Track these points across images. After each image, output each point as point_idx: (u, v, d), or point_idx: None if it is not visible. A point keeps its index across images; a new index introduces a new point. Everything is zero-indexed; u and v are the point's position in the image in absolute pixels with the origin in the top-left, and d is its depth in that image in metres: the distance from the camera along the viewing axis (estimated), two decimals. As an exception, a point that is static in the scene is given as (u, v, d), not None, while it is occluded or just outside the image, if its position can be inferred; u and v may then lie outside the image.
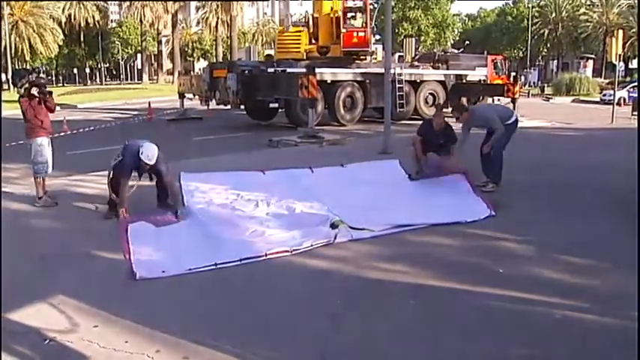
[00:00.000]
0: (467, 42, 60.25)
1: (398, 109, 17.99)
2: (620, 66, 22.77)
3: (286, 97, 16.52)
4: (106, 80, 72.91)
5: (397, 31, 59.97)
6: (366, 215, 6.27)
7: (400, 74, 18.73)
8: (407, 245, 5.63)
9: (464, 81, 20.85)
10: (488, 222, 6.31)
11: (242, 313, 4.13)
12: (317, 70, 14.85)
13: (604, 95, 31.04)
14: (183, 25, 69.04)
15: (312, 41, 19.32)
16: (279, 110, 18.45)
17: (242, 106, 18.57)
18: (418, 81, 19.79)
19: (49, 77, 65.79)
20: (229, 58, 48.56)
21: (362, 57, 19.19)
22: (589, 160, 10.21)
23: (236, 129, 17.51)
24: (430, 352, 3.59)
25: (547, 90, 41.26)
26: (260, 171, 8.38)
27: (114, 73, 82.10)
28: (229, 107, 18.40)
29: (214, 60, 55.81)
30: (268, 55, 23.23)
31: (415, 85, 19.66)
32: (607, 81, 40.14)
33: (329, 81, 17.54)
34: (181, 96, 21.19)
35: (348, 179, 8.18)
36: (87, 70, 68.03)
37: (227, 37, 57.76)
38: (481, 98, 20.49)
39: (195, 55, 73.19)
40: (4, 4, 46.53)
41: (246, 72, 17.33)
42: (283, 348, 3.62)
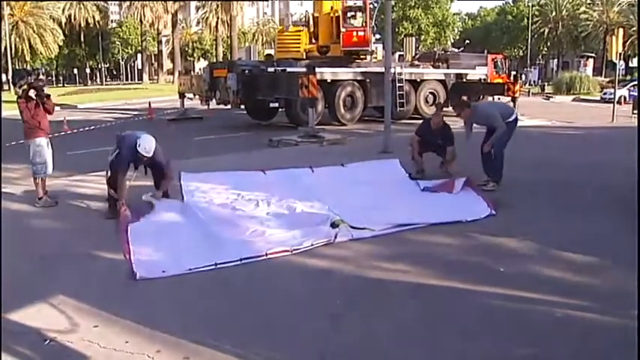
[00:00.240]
0: (467, 41, 60.24)
1: (398, 109, 17.99)
2: (620, 64, 22.72)
3: (286, 97, 16.54)
4: (107, 80, 72.93)
5: (397, 30, 60.02)
6: (367, 215, 6.25)
7: (400, 73, 18.72)
8: (407, 245, 5.62)
9: (464, 80, 20.83)
10: (488, 221, 6.30)
11: (242, 313, 4.12)
12: (317, 70, 14.85)
13: (604, 94, 31.00)
14: (183, 25, 69.09)
15: (312, 41, 19.34)
16: (279, 110, 18.45)
17: (242, 106, 18.60)
18: (418, 80, 19.77)
19: (50, 78, 65.88)
20: (229, 58, 48.58)
21: (362, 56, 19.18)
22: (589, 159, 10.20)
23: (236, 129, 17.51)
24: (430, 352, 3.58)
25: (547, 89, 41.23)
26: (260, 171, 8.38)
27: (114, 74, 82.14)
28: (229, 107, 18.42)
29: (214, 60, 55.80)
30: (268, 55, 23.23)
31: (415, 85, 19.64)
32: (607, 80, 40.08)
33: (329, 80, 17.53)
34: (182, 96, 21.18)
35: (349, 179, 8.18)
36: (87, 71, 68.06)
37: (227, 37, 57.79)
38: (481, 97, 20.47)
39: (195, 55, 73.23)
40: (4, 5, 46.53)
41: (246, 72, 17.32)
42: (283, 348, 3.61)
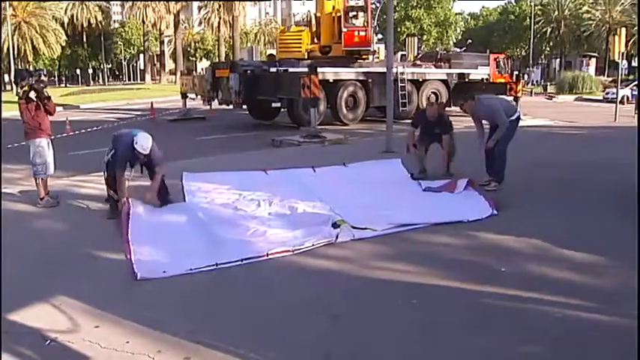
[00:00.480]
0: (469, 40, 60.12)
1: (400, 109, 17.98)
2: (623, 64, 22.71)
3: (288, 97, 16.53)
4: (109, 81, 73.01)
5: (400, 30, 60.03)
6: (369, 214, 6.24)
7: (402, 73, 18.72)
8: (409, 245, 5.61)
9: (466, 80, 20.81)
10: (490, 221, 6.28)
11: (243, 314, 4.11)
12: (319, 70, 14.84)
13: (607, 94, 30.96)
14: (185, 25, 69.23)
15: (314, 41, 19.33)
16: (281, 110, 18.44)
17: (244, 106, 18.58)
18: (421, 80, 19.77)
19: (52, 78, 66.00)
20: (231, 58, 48.59)
21: (364, 56, 19.17)
22: (591, 159, 10.19)
23: (238, 129, 17.50)
24: (432, 352, 3.57)
25: (550, 88, 41.21)
26: (262, 171, 8.39)
27: (116, 74, 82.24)
28: (232, 107, 18.40)
29: (217, 60, 55.83)
30: (271, 55, 23.18)
31: (418, 85, 19.64)
32: (610, 79, 40.04)
33: (331, 80, 17.50)
34: (184, 96, 21.18)
35: (351, 179, 8.19)
36: (90, 71, 68.16)
37: (229, 37, 57.85)
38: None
39: (197, 55, 73.29)
40: (7, 5, 46.59)
41: (248, 72, 17.32)
42: (285, 348, 3.60)
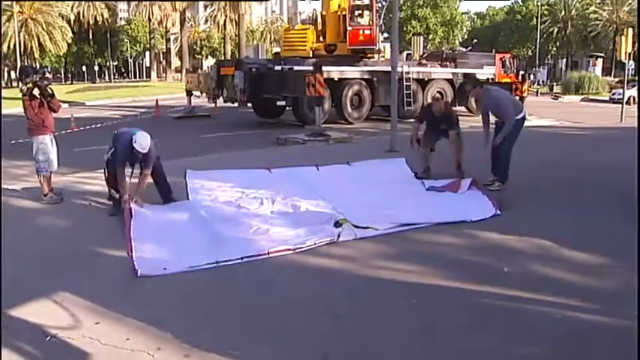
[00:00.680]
0: (475, 40, 59.93)
1: (405, 108, 17.96)
2: (629, 65, 22.57)
3: (293, 95, 16.53)
4: (115, 78, 73.08)
5: (405, 29, 59.88)
6: (372, 213, 6.23)
7: (408, 72, 18.68)
8: (411, 244, 5.60)
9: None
10: (493, 221, 6.26)
11: (244, 312, 4.11)
12: (324, 68, 14.83)
13: (613, 94, 30.80)
14: (191, 23, 69.20)
15: (319, 39, 19.30)
16: (286, 108, 18.45)
17: (249, 104, 18.59)
18: (426, 79, 19.70)
19: (58, 75, 66.15)
20: (237, 56, 48.59)
21: (369, 55, 19.14)
22: (596, 159, 10.14)
23: (243, 127, 17.51)
24: (432, 352, 3.56)
25: (556, 89, 41.04)
26: (266, 169, 8.38)
27: (122, 71, 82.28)
28: (236, 105, 18.41)
29: (223, 58, 55.84)
30: (276, 53, 23.20)
31: (423, 84, 19.57)
32: (616, 80, 39.83)
33: (336, 79, 17.48)
34: (189, 93, 21.18)
35: (354, 177, 8.18)
36: (96, 68, 68.21)
37: (235, 35, 57.78)
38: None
39: (203, 53, 73.27)
40: (14, 3, 46.75)
41: (253, 70, 17.34)
42: (286, 348, 3.60)
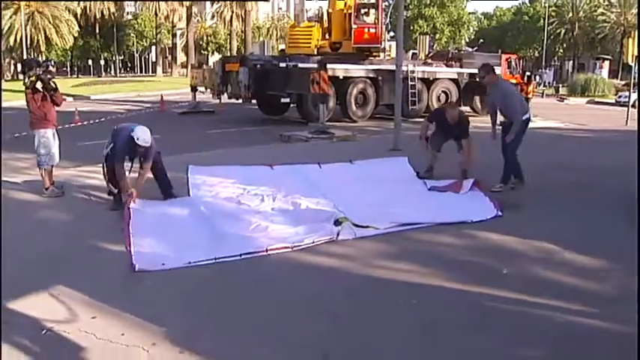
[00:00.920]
0: (481, 40, 59.83)
1: (410, 107, 17.93)
2: (636, 67, 22.46)
3: (298, 92, 16.51)
4: (121, 72, 73.18)
5: (412, 29, 59.79)
6: (373, 212, 6.21)
7: (413, 71, 18.63)
8: (411, 244, 5.57)
9: (477, 79, 20.61)
10: (494, 222, 6.23)
11: (243, 311, 4.09)
12: (329, 66, 14.80)
13: (619, 97, 30.71)
14: (198, 19, 69.14)
15: (325, 37, 19.29)
16: (290, 105, 18.43)
17: (254, 101, 18.57)
18: (431, 79, 19.66)
19: (64, 69, 66.20)
20: (243, 52, 48.59)
21: (374, 53, 19.10)
22: (600, 162, 10.10)
23: (247, 123, 17.51)
24: (432, 352, 3.55)
25: (562, 90, 40.95)
26: (268, 165, 8.36)
27: (128, 66, 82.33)
28: (241, 101, 18.39)
29: (229, 54, 55.87)
30: (282, 50, 23.19)
31: (428, 83, 19.53)
32: (623, 82, 39.66)
33: (341, 77, 17.45)
34: (193, 89, 21.19)
35: (356, 176, 8.14)
36: (102, 62, 68.26)
37: (241, 31, 57.77)
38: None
39: (209, 49, 73.27)
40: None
41: (258, 66, 17.30)
42: (285, 347, 3.58)
